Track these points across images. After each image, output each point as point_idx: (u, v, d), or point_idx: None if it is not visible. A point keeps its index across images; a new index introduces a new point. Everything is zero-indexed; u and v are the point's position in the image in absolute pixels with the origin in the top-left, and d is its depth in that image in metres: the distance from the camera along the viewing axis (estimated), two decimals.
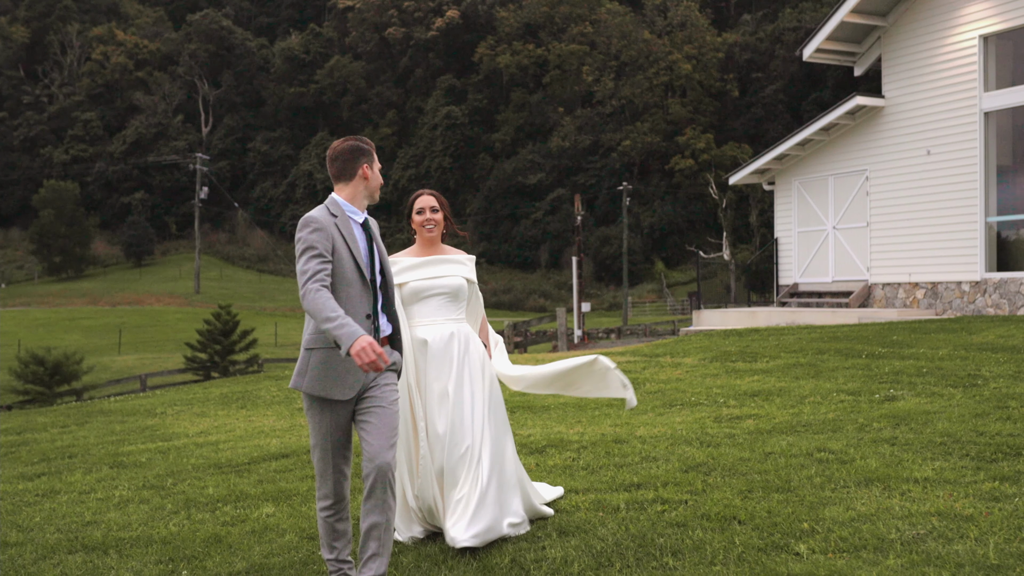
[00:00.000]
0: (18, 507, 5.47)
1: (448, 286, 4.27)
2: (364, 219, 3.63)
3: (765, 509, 4.24)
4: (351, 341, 3.20)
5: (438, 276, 4.28)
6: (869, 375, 8.40)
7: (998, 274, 15.12)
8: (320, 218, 3.49)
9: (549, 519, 4.32)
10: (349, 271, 3.48)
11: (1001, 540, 3.70)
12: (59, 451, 7.71)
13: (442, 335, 4.21)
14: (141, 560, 4.14)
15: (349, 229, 3.54)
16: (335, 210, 3.56)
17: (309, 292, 3.31)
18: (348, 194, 3.61)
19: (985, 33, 15.16)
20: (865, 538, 3.78)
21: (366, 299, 3.51)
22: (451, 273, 4.31)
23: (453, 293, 4.29)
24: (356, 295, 3.49)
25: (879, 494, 4.42)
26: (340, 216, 3.55)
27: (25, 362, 30.01)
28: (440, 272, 4.29)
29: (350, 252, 3.49)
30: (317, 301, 3.29)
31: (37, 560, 4.24)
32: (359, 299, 3.49)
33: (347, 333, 3.22)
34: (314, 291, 3.32)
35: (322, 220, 3.49)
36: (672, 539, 3.90)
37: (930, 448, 5.31)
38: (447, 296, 4.28)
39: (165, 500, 5.31)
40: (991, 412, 6.21)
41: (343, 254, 3.48)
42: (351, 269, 3.49)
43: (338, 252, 3.48)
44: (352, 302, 3.47)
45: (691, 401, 7.71)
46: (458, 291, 4.31)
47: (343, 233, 3.50)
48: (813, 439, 5.74)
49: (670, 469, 5.14)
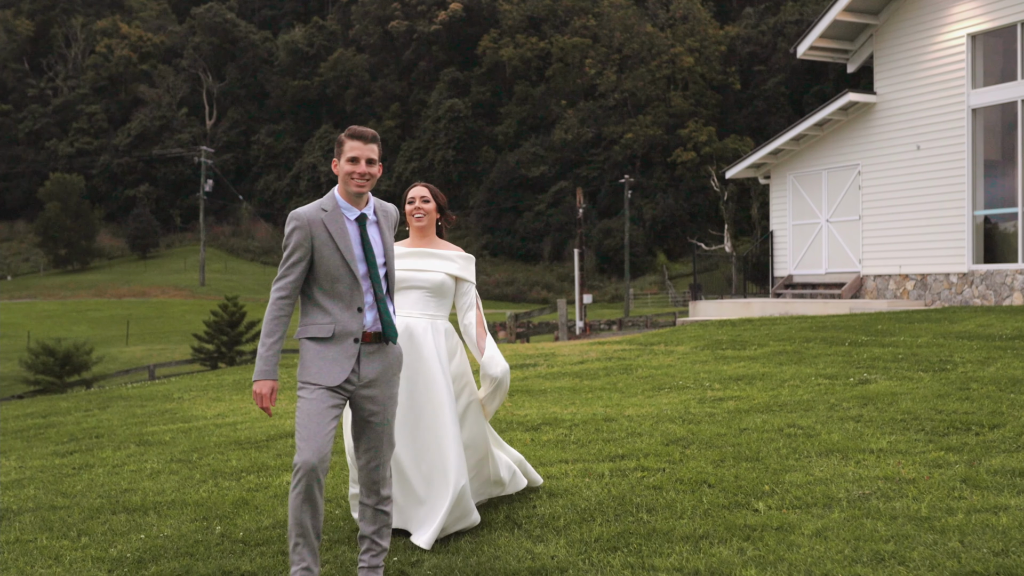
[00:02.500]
0: (58, 478, 5.99)
1: (429, 280, 4.20)
2: (359, 215, 3.59)
3: (733, 475, 4.76)
4: (257, 377, 3.46)
5: (421, 269, 4.22)
6: (848, 361, 8.90)
7: (985, 266, 15.58)
8: (302, 214, 3.55)
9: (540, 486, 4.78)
10: (335, 267, 3.51)
11: (935, 499, 4.21)
12: (86, 432, 8.23)
13: (416, 329, 4.16)
14: (178, 519, 4.66)
15: (339, 224, 3.54)
16: (328, 205, 3.58)
17: (271, 299, 3.52)
18: (340, 189, 3.63)
19: (973, 32, 15.60)
20: (817, 497, 4.29)
21: (357, 293, 3.54)
22: (435, 268, 4.23)
23: (434, 288, 4.21)
24: (345, 290, 3.53)
25: (837, 462, 4.93)
26: (332, 211, 3.56)
27: (36, 353, 30.63)
28: (425, 265, 4.23)
29: (335, 248, 3.51)
30: (268, 315, 3.50)
31: (85, 520, 4.77)
32: (349, 293, 3.53)
33: (260, 368, 3.47)
34: (272, 300, 3.51)
35: (303, 216, 3.54)
36: (648, 499, 4.41)
37: (890, 424, 5.81)
38: (427, 291, 4.21)
39: (193, 471, 5.83)
40: (953, 393, 6.71)
41: (327, 251, 3.51)
42: (336, 265, 3.51)
43: (320, 250, 3.51)
44: (341, 297, 3.53)
45: (679, 385, 8.21)
46: (440, 287, 4.22)
47: (329, 229, 3.52)
48: (786, 417, 6.25)
49: (652, 443, 5.65)
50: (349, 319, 3.52)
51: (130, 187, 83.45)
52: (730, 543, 3.78)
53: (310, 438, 3.41)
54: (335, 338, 3.51)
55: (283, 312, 3.51)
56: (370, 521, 3.65)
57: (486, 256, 71.52)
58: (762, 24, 72.44)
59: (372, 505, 3.64)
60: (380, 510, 3.64)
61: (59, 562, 4.09)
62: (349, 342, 3.52)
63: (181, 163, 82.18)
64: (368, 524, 3.65)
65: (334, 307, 3.53)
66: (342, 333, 3.52)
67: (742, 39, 71.80)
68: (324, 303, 3.54)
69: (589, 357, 10.73)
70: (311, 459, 3.38)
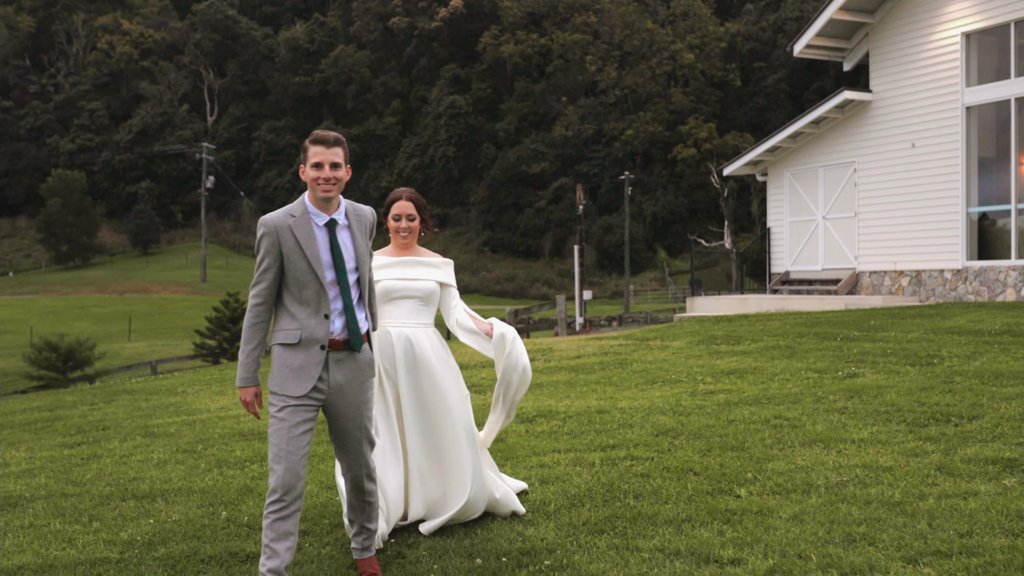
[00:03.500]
0: (67, 468, 6.18)
1: (421, 289, 4.26)
2: (328, 220, 3.59)
3: (718, 463, 4.95)
4: (240, 383, 3.55)
5: (412, 278, 4.26)
6: (839, 355, 9.08)
7: (978, 262, 15.76)
8: (270, 220, 3.56)
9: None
10: (302, 272, 3.53)
11: (910, 485, 4.40)
12: (92, 425, 8.42)
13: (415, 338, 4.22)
14: (185, 505, 4.85)
15: (306, 230, 3.55)
16: (297, 210, 3.59)
17: (248, 306, 3.58)
18: (309, 195, 3.63)
19: (967, 31, 15.76)
20: (796, 483, 4.49)
21: (324, 299, 3.55)
22: (425, 276, 4.29)
23: (425, 297, 4.27)
24: (312, 296, 3.55)
25: (819, 452, 5.12)
26: (300, 217, 3.58)
27: (39, 348, 30.84)
28: (414, 274, 4.28)
29: (302, 254, 3.53)
30: (247, 322, 3.58)
31: (96, 506, 4.96)
32: (315, 299, 3.55)
33: (241, 375, 3.55)
34: (249, 308, 3.57)
35: (270, 222, 3.55)
36: (635, 485, 4.61)
37: (873, 416, 6.00)
38: (419, 300, 4.26)
39: (198, 461, 6.02)
40: (937, 386, 6.90)
41: (294, 257, 3.53)
42: (303, 271, 3.53)
43: (288, 256, 3.53)
44: (308, 303, 3.55)
45: (671, 379, 8.40)
46: (430, 295, 4.29)
47: (296, 235, 3.53)
48: (774, 409, 6.43)
49: (643, 434, 5.84)
50: (316, 325, 3.54)
51: (131, 183, 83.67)
52: (711, 526, 3.97)
53: (282, 459, 3.46)
54: (302, 344, 3.54)
55: (260, 319, 3.56)
56: (359, 511, 3.82)
57: (487, 252, 71.72)
58: (763, 21, 72.56)
59: (359, 499, 3.80)
60: (366, 502, 3.80)
61: (72, 544, 4.28)
62: (316, 349, 3.54)
63: (182, 159, 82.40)
64: (358, 514, 3.83)
65: (301, 313, 3.55)
66: (309, 339, 3.54)
67: (743, 36, 71.91)
68: (292, 309, 3.56)
69: (586, 352, 10.91)
70: (286, 481, 3.44)
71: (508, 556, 3.79)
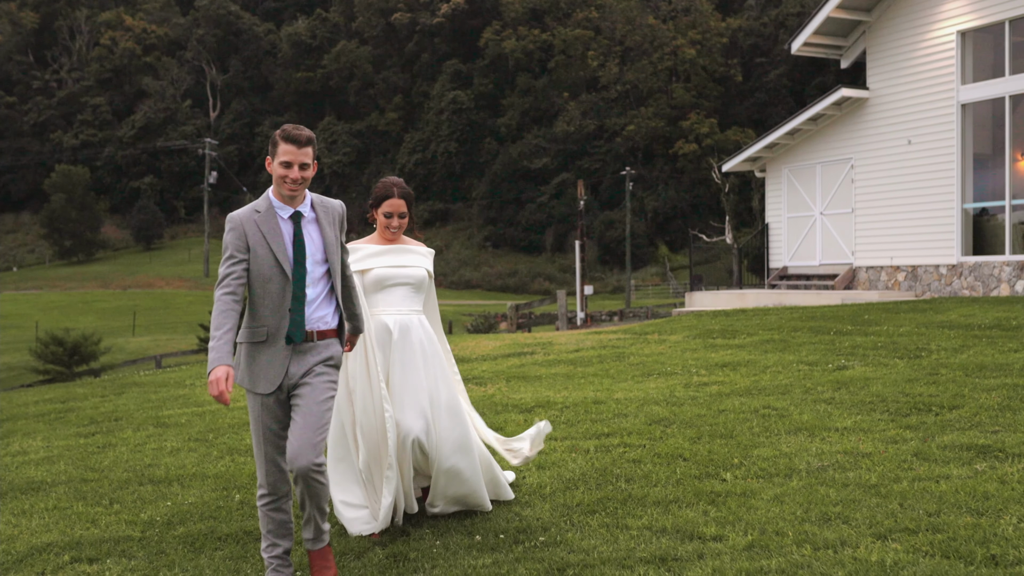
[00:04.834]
0: (85, 456, 6.45)
1: (413, 276, 4.32)
2: (292, 213, 3.59)
3: (707, 450, 5.20)
4: (211, 366, 3.36)
5: (403, 265, 4.32)
6: (831, 349, 9.32)
7: (973, 258, 15.99)
8: (236, 216, 3.57)
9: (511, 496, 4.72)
10: (267, 267, 3.53)
11: (887, 469, 4.65)
12: (104, 415, 8.68)
13: (408, 325, 4.27)
14: (200, 489, 5.11)
15: (272, 225, 3.55)
16: (261, 206, 3.59)
17: (215, 298, 3.49)
18: (274, 189, 3.63)
19: (962, 29, 15.97)
20: (779, 468, 4.74)
21: (288, 294, 3.55)
22: (415, 264, 4.35)
23: (417, 284, 4.34)
24: (276, 291, 3.54)
25: (803, 439, 5.37)
26: (265, 211, 3.58)
27: (45, 343, 31.14)
28: (405, 262, 4.33)
29: (269, 248, 3.52)
30: (215, 311, 3.46)
31: (115, 490, 5.22)
32: (279, 294, 3.54)
33: (212, 358, 3.37)
34: (217, 298, 3.48)
35: (236, 218, 3.56)
36: (627, 470, 4.86)
37: (858, 406, 6.24)
38: (412, 287, 4.32)
39: (210, 449, 6.28)
40: (922, 378, 7.14)
41: (259, 251, 3.52)
42: (268, 265, 3.53)
43: (255, 250, 3.52)
44: (271, 297, 3.54)
45: (667, 371, 8.65)
46: (421, 282, 4.36)
47: (262, 230, 3.53)
48: (764, 400, 6.68)
49: (636, 423, 6.09)
50: (279, 321, 3.55)
51: (135, 179, 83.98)
52: (696, 506, 4.23)
53: (263, 460, 3.60)
54: (267, 341, 3.56)
55: (228, 306, 3.45)
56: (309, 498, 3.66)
57: (488, 247, 71.95)
58: (764, 16, 72.65)
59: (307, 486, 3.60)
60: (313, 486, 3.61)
61: (96, 524, 4.54)
62: (280, 344, 3.56)
63: (185, 155, 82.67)
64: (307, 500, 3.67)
65: (265, 309, 3.55)
66: (273, 335, 3.55)
67: (744, 31, 72.02)
68: (257, 306, 3.57)
69: (585, 345, 11.16)
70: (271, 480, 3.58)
71: (505, 533, 4.05)
